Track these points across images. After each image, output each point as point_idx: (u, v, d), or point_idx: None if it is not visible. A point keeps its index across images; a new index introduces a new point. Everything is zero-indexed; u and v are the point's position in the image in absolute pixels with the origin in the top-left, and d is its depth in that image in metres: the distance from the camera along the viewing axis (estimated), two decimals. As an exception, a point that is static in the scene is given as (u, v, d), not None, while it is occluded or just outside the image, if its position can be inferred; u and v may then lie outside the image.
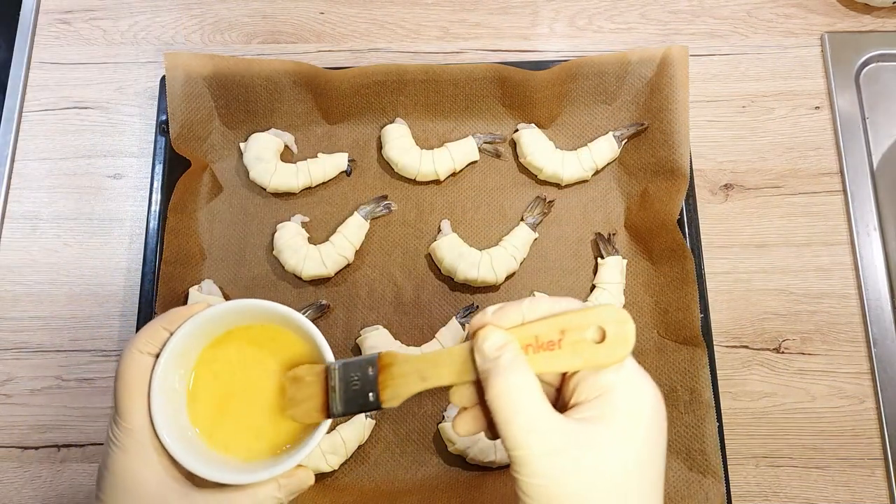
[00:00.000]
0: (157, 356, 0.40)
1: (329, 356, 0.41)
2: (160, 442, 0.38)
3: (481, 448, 0.59)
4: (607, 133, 0.68)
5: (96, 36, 0.76)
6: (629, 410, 0.33)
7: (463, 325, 0.63)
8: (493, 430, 0.35)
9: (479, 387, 0.35)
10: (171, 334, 0.40)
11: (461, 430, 0.37)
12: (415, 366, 0.37)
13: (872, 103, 0.72)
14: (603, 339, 0.33)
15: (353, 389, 0.38)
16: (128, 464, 0.38)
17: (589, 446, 0.32)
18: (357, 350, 0.64)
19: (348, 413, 0.39)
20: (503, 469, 0.60)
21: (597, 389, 0.33)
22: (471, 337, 0.36)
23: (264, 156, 0.67)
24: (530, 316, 0.35)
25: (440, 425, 0.61)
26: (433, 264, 0.66)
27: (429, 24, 0.76)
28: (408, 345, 0.63)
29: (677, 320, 0.62)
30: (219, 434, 0.42)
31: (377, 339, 0.62)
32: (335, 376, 0.39)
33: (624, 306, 0.64)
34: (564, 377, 0.36)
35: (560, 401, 0.36)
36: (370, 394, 0.38)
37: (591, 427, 0.33)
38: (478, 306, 0.65)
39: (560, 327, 0.34)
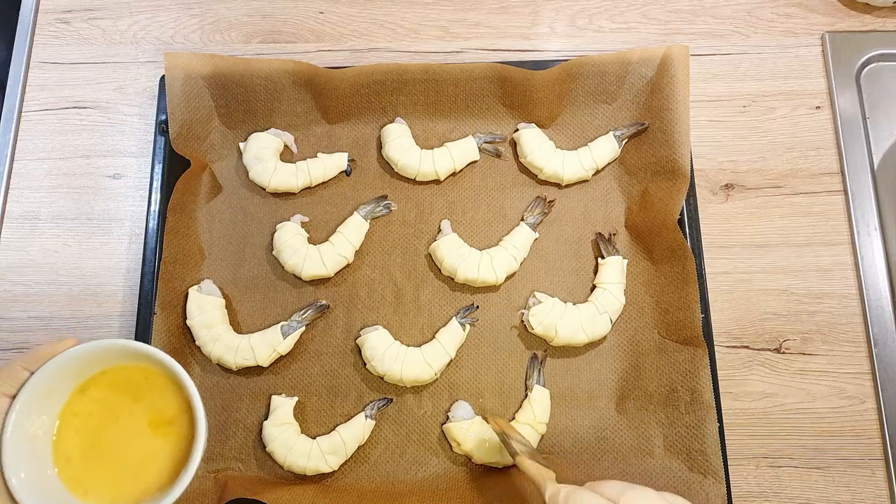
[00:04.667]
0: (14, 397, 0.38)
1: (198, 403, 0.41)
2: (6, 486, 0.37)
3: (489, 448, 0.59)
4: (608, 133, 0.68)
5: (96, 35, 0.76)
6: None
7: (463, 325, 0.63)
8: None
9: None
10: (32, 374, 0.39)
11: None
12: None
13: (873, 103, 0.72)
14: None
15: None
16: None
17: None
18: (357, 351, 0.64)
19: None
20: (505, 469, 0.60)
21: None
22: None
23: (264, 155, 0.67)
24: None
25: (445, 426, 0.61)
26: (433, 264, 0.66)
27: (429, 23, 0.76)
28: (408, 345, 0.63)
29: (678, 320, 0.62)
30: (82, 479, 0.41)
31: (377, 340, 0.62)
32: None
33: (625, 306, 0.64)
34: None
35: None
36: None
37: None
38: (478, 306, 0.65)
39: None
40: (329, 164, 0.68)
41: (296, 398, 0.62)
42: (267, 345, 0.61)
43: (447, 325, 0.63)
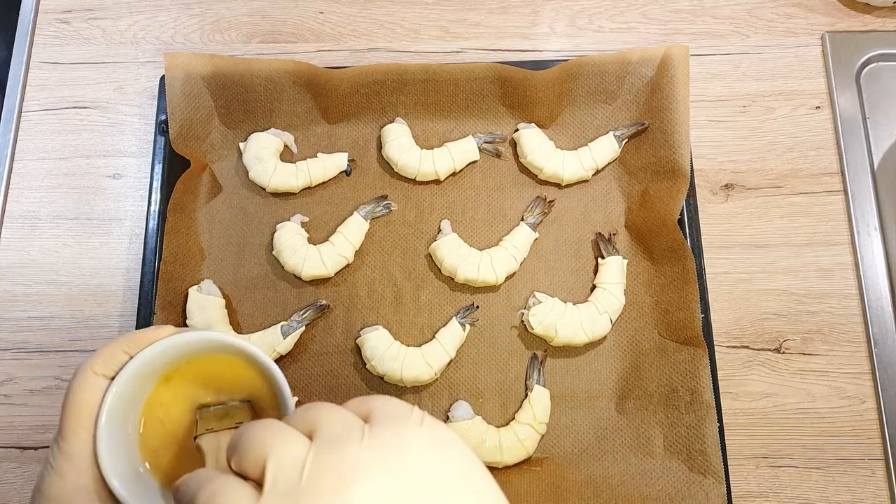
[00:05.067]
0: (113, 379, 0.37)
1: (289, 402, 0.39)
2: (100, 472, 0.36)
3: (488, 448, 0.59)
4: (608, 133, 0.68)
5: (96, 35, 0.76)
6: None
7: (463, 325, 0.63)
8: None
9: None
10: (131, 358, 0.38)
11: None
12: None
13: (873, 103, 0.72)
14: None
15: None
16: (62, 491, 0.35)
17: None
18: (357, 351, 0.64)
19: None
20: (507, 469, 0.60)
21: None
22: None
23: (264, 155, 0.67)
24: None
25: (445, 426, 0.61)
26: (433, 264, 0.66)
27: (429, 23, 0.76)
28: (408, 345, 0.63)
29: (678, 320, 0.62)
30: (169, 468, 0.39)
31: (377, 340, 0.62)
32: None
33: (625, 306, 0.64)
34: None
35: None
36: None
37: None
38: (478, 306, 0.65)
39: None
40: (329, 164, 0.68)
41: (296, 398, 0.62)
42: (267, 345, 0.61)
43: (447, 325, 0.63)
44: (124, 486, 0.36)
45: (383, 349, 0.61)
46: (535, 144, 0.67)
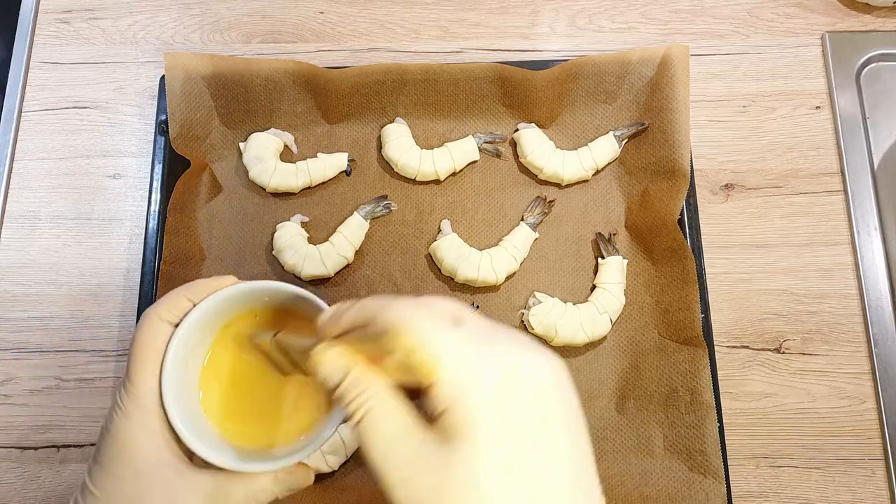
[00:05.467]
0: (177, 326, 0.39)
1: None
2: (165, 414, 0.37)
3: None
4: (608, 133, 0.68)
5: (96, 35, 0.76)
6: (467, 432, 0.29)
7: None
8: None
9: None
10: (194, 306, 0.39)
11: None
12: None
13: (873, 103, 0.72)
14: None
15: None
16: (129, 431, 0.37)
17: (436, 469, 0.29)
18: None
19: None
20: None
21: (441, 402, 0.29)
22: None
23: (264, 155, 0.67)
24: (361, 318, 0.32)
25: None
26: (433, 264, 0.66)
27: (429, 23, 0.76)
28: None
29: (678, 320, 0.62)
30: (226, 415, 0.41)
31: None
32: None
33: (625, 306, 0.64)
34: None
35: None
36: None
37: (441, 446, 0.29)
38: (478, 306, 0.65)
39: (383, 348, 0.31)
40: (329, 164, 0.68)
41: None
42: (267, 345, 0.61)
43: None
44: (187, 427, 0.37)
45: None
46: (535, 144, 0.67)
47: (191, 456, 0.38)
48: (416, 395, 0.32)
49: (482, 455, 0.28)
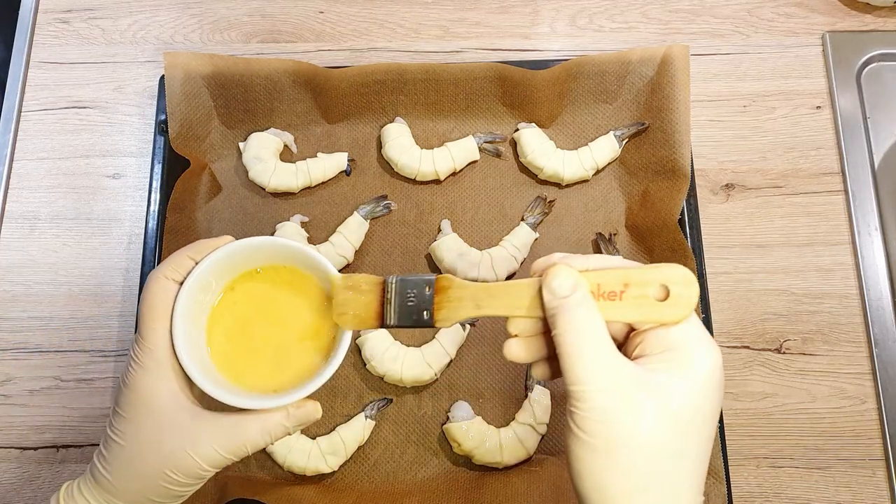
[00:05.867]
0: (182, 283, 0.41)
1: None
2: (178, 363, 0.40)
3: (489, 448, 0.59)
4: (608, 132, 0.68)
5: (95, 35, 0.76)
6: (694, 367, 0.33)
7: (463, 325, 0.63)
8: (549, 364, 0.38)
9: (543, 322, 0.37)
10: (197, 264, 0.42)
11: (513, 355, 0.38)
12: (471, 292, 0.39)
13: (874, 103, 0.72)
14: (666, 297, 0.34)
15: (409, 305, 0.40)
16: (146, 381, 0.40)
17: (652, 391, 0.33)
18: (357, 351, 0.64)
19: (401, 326, 0.40)
20: (507, 469, 0.60)
21: (663, 344, 0.34)
22: (539, 275, 0.37)
23: (263, 155, 0.67)
24: (595, 266, 0.36)
25: (445, 426, 0.61)
26: (433, 264, 0.66)
27: (429, 23, 0.76)
28: (408, 345, 0.63)
29: (678, 320, 0.62)
30: (233, 364, 0.43)
31: (377, 340, 0.62)
32: (392, 290, 0.40)
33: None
34: (629, 333, 0.36)
35: (623, 354, 0.35)
36: (424, 312, 0.39)
37: (656, 376, 0.33)
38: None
39: (624, 280, 0.35)
40: (329, 164, 0.68)
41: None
42: (267, 345, 0.61)
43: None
44: (200, 373, 0.40)
45: (383, 350, 0.61)
46: (536, 144, 0.67)
47: (205, 400, 0.41)
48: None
49: (695, 397, 0.33)
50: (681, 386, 0.33)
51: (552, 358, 0.37)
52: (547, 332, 0.37)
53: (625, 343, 0.37)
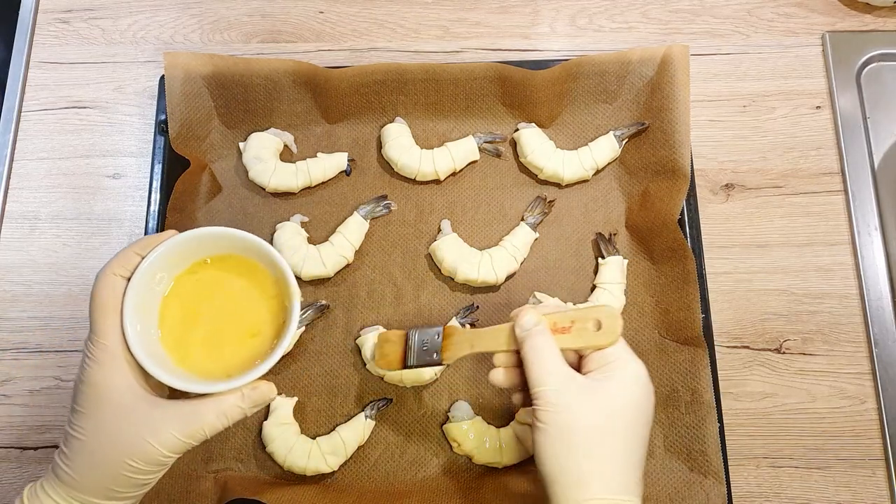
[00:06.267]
0: (129, 279, 0.43)
1: (294, 288, 0.46)
2: (132, 356, 0.42)
3: (489, 448, 0.59)
4: (608, 132, 0.68)
5: (95, 35, 0.76)
6: (623, 376, 0.45)
7: (463, 325, 0.63)
8: (522, 387, 0.48)
9: (517, 356, 0.48)
10: (143, 258, 0.43)
11: (497, 381, 0.49)
12: (467, 336, 0.51)
13: (874, 103, 0.72)
14: (599, 329, 0.46)
15: (423, 350, 0.52)
16: (102, 376, 0.41)
17: (592, 392, 0.44)
18: (357, 351, 0.64)
19: (419, 366, 0.53)
20: (507, 469, 0.60)
21: (600, 362, 0.46)
22: (512, 319, 0.48)
23: (263, 155, 0.67)
24: (552, 309, 0.48)
25: (445, 426, 0.61)
26: (433, 264, 0.66)
27: (429, 23, 0.76)
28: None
29: (678, 320, 0.62)
30: (186, 352, 0.45)
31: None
32: (413, 339, 0.53)
33: (625, 306, 0.64)
34: (580, 360, 0.47)
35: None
36: (435, 353, 0.52)
37: (596, 382, 0.45)
38: (478, 306, 0.64)
39: (571, 318, 0.47)
40: (329, 164, 0.68)
41: (296, 398, 0.62)
42: (267, 345, 0.61)
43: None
44: (154, 363, 0.42)
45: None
46: (535, 144, 0.67)
47: (161, 389, 0.44)
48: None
49: (624, 396, 0.44)
50: (612, 387, 0.44)
51: (526, 389, 0.46)
52: (521, 364, 0.47)
53: (578, 367, 0.47)
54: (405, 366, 0.53)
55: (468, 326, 0.64)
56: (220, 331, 0.47)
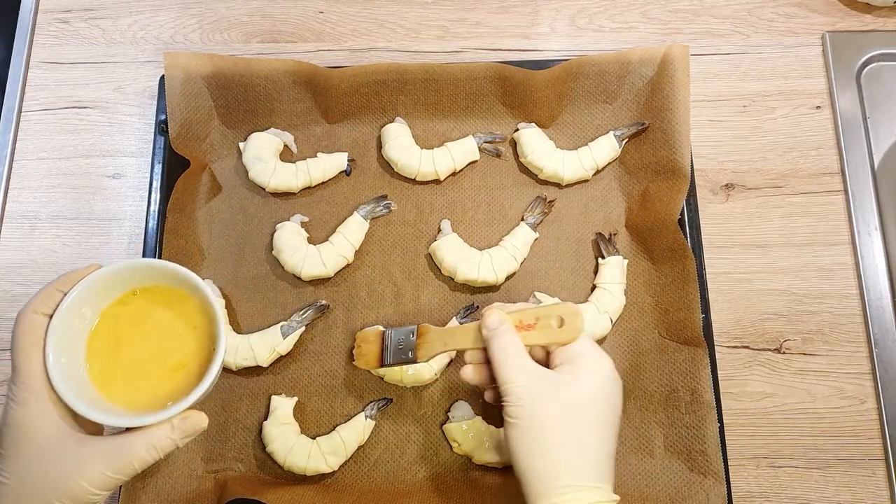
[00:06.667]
0: (52, 316, 0.43)
1: (220, 318, 0.46)
2: (56, 394, 0.41)
3: (489, 448, 0.59)
4: (608, 132, 0.68)
5: (95, 35, 0.76)
6: (588, 370, 0.46)
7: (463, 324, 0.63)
8: (495, 391, 0.48)
9: (484, 351, 0.49)
10: (65, 294, 0.43)
11: (468, 377, 0.50)
12: (439, 335, 0.53)
13: (873, 103, 0.72)
14: (562, 325, 0.47)
15: (399, 348, 0.54)
16: (26, 417, 0.40)
17: (558, 386, 0.45)
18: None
19: (395, 364, 0.55)
20: (507, 469, 0.60)
21: (566, 357, 0.47)
22: (479, 318, 0.50)
23: (263, 155, 0.67)
24: (518, 308, 0.50)
25: (445, 426, 0.61)
26: (433, 264, 0.66)
27: (429, 23, 0.76)
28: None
29: (678, 320, 0.62)
30: (115, 385, 0.45)
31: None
32: (389, 338, 0.55)
33: (625, 306, 0.64)
34: (548, 354, 0.49)
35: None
36: (409, 352, 0.54)
37: (562, 376, 0.46)
38: (478, 306, 0.64)
39: (535, 315, 0.48)
40: (329, 164, 0.68)
41: (296, 398, 0.62)
42: (267, 345, 0.61)
43: (448, 325, 0.63)
44: (78, 399, 0.42)
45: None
46: (535, 144, 0.67)
47: (89, 426, 0.42)
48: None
49: (589, 389, 0.46)
50: (578, 381, 0.46)
51: (496, 387, 0.47)
52: (489, 362, 0.48)
53: (547, 362, 0.49)
54: (382, 364, 0.55)
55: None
56: (148, 363, 0.46)
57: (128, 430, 0.42)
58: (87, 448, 0.41)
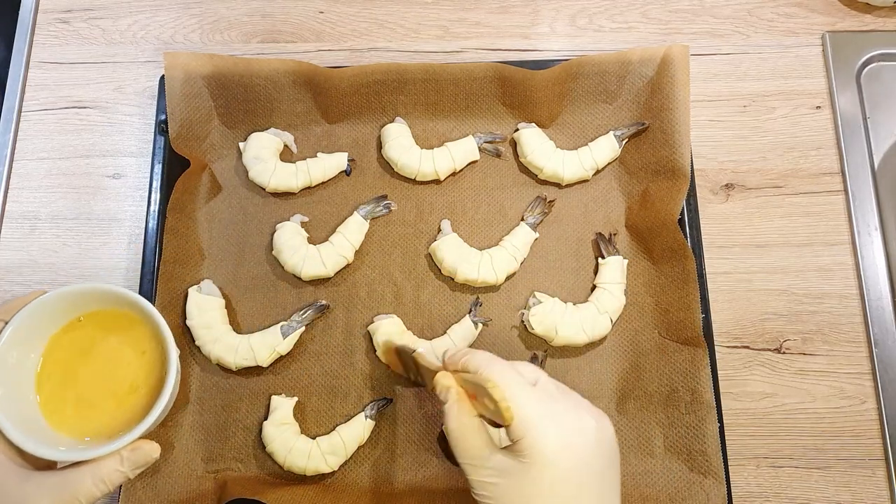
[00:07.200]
0: None
1: (170, 340, 0.45)
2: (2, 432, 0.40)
3: None
4: (608, 132, 0.68)
5: (95, 35, 0.76)
6: (537, 460, 0.41)
7: (476, 324, 0.63)
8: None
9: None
10: (6, 324, 0.42)
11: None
12: (423, 365, 0.51)
13: (873, 103, 0.72)
14: (495, 406, 0.42)
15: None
16: None
17: (513, 473, 0.41)
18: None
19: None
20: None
21: (516, 435, 0.42)
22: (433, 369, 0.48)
23: (263, 155, 0.67)
24: (473, 363, 0.45)
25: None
26: (433, 264, 0.66)
27: (429, 23, 0.76)
28: (419, 336, 0.63)
29: (678, 320, 0.62)
30: (65, 416, 0.44)
31: (390, 327, 0.62)
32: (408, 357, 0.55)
33: (625, 306, 0.64)
34: None
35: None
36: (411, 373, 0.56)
37: (514, 462, 0.41)
38: (481, 303, 0.65)
39: (473, 387, 0.44)
40: (329, 164, 0.68)
41: (296, 398, 0.62)
42: (267, 345, 0.61)
43: (460, 322, 0.63)
44: (21, 433, 0.40)
45: (395, 338, 0.61)
46: (535, 144, 0.67)
47: (35, 460, 0.41)
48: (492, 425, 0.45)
49: (542, 474, 0.40)
50: (531, 472, 0.41)
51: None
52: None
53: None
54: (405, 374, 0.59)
55: (481, 325, 0.63)
56: (97, 391, 0.45)
57: (77, 463, 0.41)
58: (32, 484, 0.40)
